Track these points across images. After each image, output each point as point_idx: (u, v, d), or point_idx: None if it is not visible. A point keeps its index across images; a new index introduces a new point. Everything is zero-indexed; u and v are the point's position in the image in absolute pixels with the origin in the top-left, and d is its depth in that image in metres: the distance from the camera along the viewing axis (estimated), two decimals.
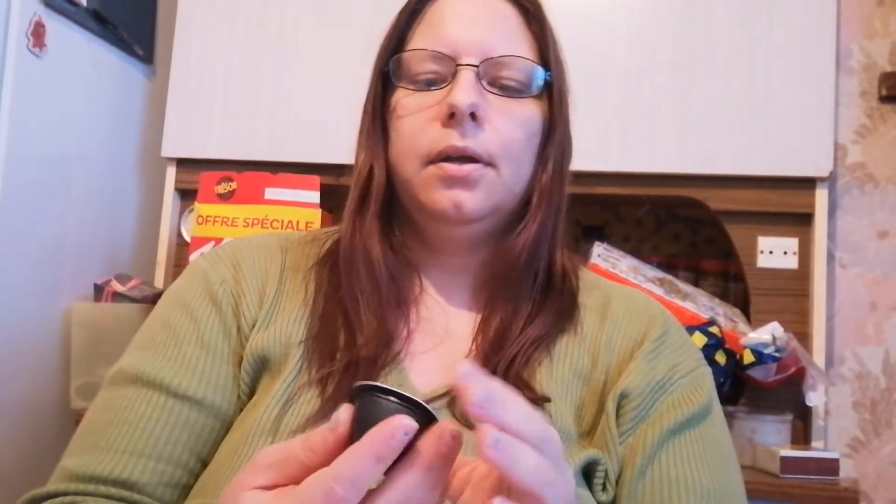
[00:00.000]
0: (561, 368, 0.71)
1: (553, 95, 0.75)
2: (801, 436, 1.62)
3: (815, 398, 1.53)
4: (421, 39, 0.76)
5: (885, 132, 1.74)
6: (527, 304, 0.74)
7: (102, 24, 1.83)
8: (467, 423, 0.65)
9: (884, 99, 1.74)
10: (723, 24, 1.69)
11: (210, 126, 1.88)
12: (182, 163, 1.92)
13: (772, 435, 1.55)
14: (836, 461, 1.41)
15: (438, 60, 0.73)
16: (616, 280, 1.45)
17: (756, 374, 1.50)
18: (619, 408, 0.69)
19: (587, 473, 0.67)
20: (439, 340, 0.74)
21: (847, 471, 1.63)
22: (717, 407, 0.74)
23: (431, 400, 0.68)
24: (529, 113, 0.74)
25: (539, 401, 0.67)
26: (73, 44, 1.76)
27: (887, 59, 1.75)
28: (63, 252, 1.77)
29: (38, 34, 1.65)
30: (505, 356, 0.70)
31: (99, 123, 1.88)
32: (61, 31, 1.71)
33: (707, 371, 0.75)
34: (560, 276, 0.76)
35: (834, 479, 1.40)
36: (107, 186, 1.92)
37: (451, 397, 0.68)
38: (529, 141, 0.74)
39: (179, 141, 1.90)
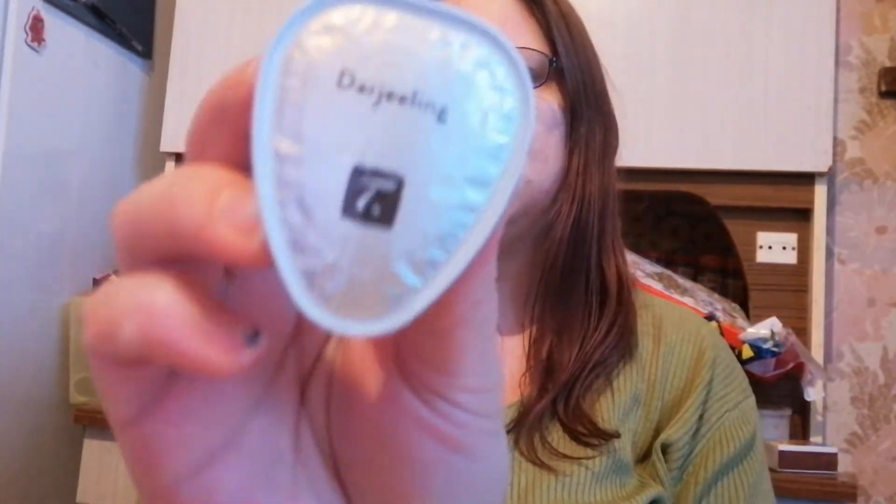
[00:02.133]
0: (621, 399, 0.68)
1: (567, 81, 0.70)
2: (800, 431, 1.62)
3: (813, 393, 1.54)
4: None
5: (884, 128, 1.74)
6: (580, 312, 0.69)
7: (101, 18, 1.82)
8: (532, 457, 0.64)
9: (883, 95, 1.74)
10: (722, 18, 1.69)
11: None
12: (181, 158, 1.92)
13: (770, 430, 1.55)
14: (834, 456, 1.42)
15: None
16: None
17: (754, 369, 1.50)
18: (664, 452, 0.67)
19: None
20: None
21: (845, 466, 1.64)
22: (759, 436, 0.72)
23: None
24: (542, 104, 0.69)
25: (606, 437, 0.64)
26: (72, 39, 1.76)
27: (886, 54, 1.75)
28: (62, 247, 1.77)
29: (36, 29, 1.64)
30: (561, 382, 0.66)
31: (97, 118, 1.87)
32: (60, 26, 1.71)
33: (752, 401, 0.73)
34: (615, 286, 0.70)
35: (832, 474, 1.40)
36: (105, 181, 1.91)
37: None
38: (550, 133, 0.69)
39: (178, 136, 1.90)
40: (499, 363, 0.23)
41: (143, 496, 0.23)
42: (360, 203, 0.19)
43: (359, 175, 0.19)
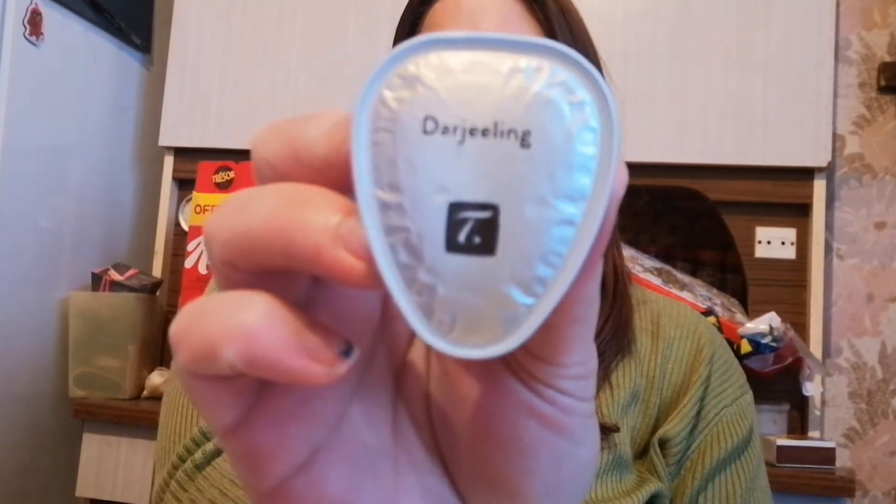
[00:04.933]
0: (620, 394, 0.68)
1: None
2: (798, 425, 1.63)
3: (811, 388, 1.54)
4: None
5: (883, 123, 1.74)
6: None
7: (99, 13, 1.82)
8: None
9: (882, 90, 1.74)
10: (721, 14, 1.69)
11: (208, 115, 1.88)
12: (180, 152, 1.91)
13: (768, 424, 1.56)
14: (832, 451, 1.42)
15: None
16: None
17: (753, 364, 1.50)
18: (661, 447, 0.67)
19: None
20: None
21: (843, 460, 1.64)
22: (757, 431, 0.72)
23: None
24: None
25: (605, 431, 0.64)
26: (70, 33, 1.75)
27: (886, 49, 1.75)
28: (60, 241, 1.77)
29: (34, 23, 1.64)
30: None
31: (96, 113, 1.87)
32: (58, 20, 1.71)
33: (750, 396, 0.73)
34: (612, 280, 0.70)
35: (830, 469, 1.40)
36: (104, 176, 1.91)
37: None
38: None
39: (177, 130, 1.90)
40: (595, 349, 0.24)
41: (252, 498, 0.24)
42: (461, 236, 0.20)
43: (455, 210, 0.20)
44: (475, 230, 0.20)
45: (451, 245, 0.20)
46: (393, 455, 0.24)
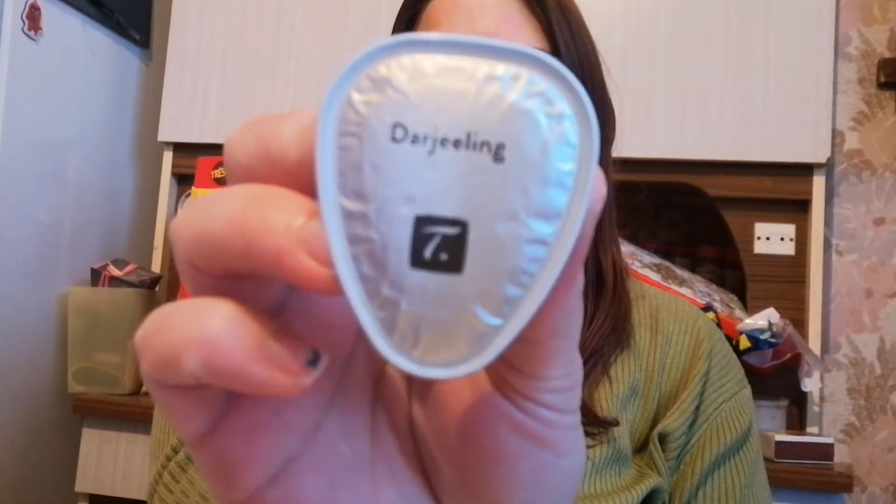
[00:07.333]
0: (619, 388, 0.67)
1: None
2: (797, 421, 1.63)
3: (810, 384, 1.54)
4: None
5: (882, 119, 1.74)
6: None
7: (98, 7, 1.82)
8: None
9: (882, 86, 1.74)
10: (721, 9, 1.69)
11: (207, 110, 1.87)
12: (179, 147, 1.91)
13: (767, 420, 1.56)
14: (830, 446, 1.42)
15: None
16: None
17: (752, 360, 1.51)
18: (661, 442, 0.67)
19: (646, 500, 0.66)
20: None
21: (841, 456, 1.64)
22: (755, 426, 0.72)
23: None
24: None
25: (605, 425, 0.64)
26: (69, 27, 1.75)
27: (885, 45, 1.75)
28: (60, 237, 1.77)
29: (33, 17, 1.64)
30: None
31: (95, 108, 1.87)
32: (57, 15, 1.70)
33: (748, 391, 0.73)
34: (611, 276, 0.70)
35: (828, 465, 1.40)
36: (103, 171, 1.91)
37: None
38: None
39: (176, 125, 1.90)
40: (580, 360, 0.23)
41: None
42: (427, 251, 0.19)
43: (422, 224, 0.19)
44: (442, 246, 0.19)
45: (417, 260, 0.19)
46: (371, 464, 0.24)
